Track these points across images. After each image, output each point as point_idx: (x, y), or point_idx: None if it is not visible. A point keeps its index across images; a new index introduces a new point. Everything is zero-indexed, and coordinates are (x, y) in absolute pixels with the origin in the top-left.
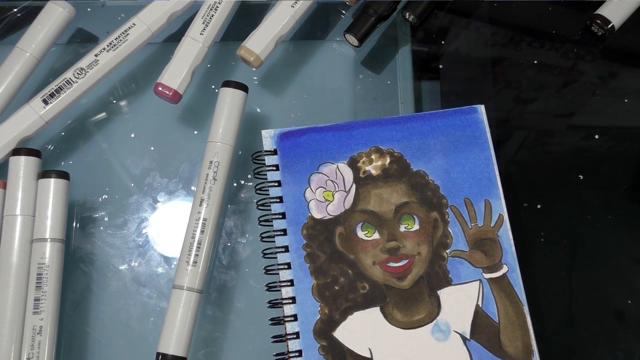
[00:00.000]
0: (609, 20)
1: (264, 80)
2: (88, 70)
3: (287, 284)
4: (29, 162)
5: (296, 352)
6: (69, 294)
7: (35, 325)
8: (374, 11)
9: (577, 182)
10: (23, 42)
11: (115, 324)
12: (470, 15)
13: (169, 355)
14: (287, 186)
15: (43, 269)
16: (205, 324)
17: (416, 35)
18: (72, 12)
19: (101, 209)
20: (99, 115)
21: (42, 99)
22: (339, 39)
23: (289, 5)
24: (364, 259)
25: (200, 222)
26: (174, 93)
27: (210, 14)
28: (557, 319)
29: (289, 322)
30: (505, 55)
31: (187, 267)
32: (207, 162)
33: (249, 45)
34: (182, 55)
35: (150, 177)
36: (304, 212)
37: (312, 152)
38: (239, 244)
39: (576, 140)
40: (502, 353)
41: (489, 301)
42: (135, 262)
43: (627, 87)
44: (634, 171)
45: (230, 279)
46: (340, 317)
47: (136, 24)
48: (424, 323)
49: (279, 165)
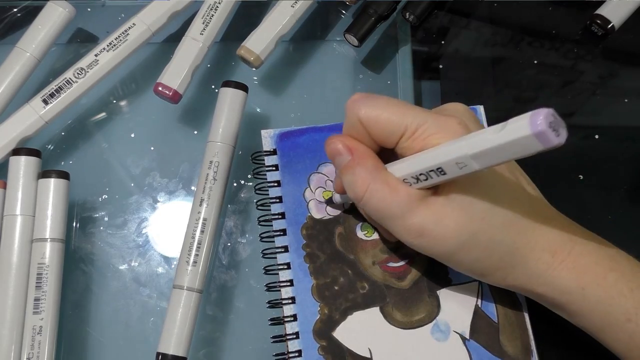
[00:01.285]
0: (609, 20)
1: (264, 80)
2: (88, 70)
3: (286, 284)
4: (29, 162)
5: (296, 352)
6: (69, 294)
7: (35, 325)
8: (374, 11)
9: (577, 182)
10: (23, 42)
11: (115, 324)
12: (470, 15)
13: (169, 355)
14: (287, 186)
15: (43, 268)
16: (205, 324)
17: (416, 35)
18: (72, 12)
19: (101, 209)
20: (99, 115)
21: (42, 98)
22: (339, 39)
23: (289, 5)
24: (364, 259)
25: (200, 222)
26: (174, 93)
27: (210, 13)
28: (557, 319)
29: (288, 322)
30: (505, 55)
31: (187, 267)
32: (207, 162)
33: (249, 45)
34: (182, 55)
35: (150, 177)
36: (303, 212)
37: (311, 152)
38: (239, 244)
39: (576, 140)
40: (502, 353)
41: (488, 301)
42: (135, 262)
43: (627, 87)
44: (634, 171)
45: (230, 279)
46: (340, 317)
47: (136, 23)
48: (423, 323)
49: (278, 165)
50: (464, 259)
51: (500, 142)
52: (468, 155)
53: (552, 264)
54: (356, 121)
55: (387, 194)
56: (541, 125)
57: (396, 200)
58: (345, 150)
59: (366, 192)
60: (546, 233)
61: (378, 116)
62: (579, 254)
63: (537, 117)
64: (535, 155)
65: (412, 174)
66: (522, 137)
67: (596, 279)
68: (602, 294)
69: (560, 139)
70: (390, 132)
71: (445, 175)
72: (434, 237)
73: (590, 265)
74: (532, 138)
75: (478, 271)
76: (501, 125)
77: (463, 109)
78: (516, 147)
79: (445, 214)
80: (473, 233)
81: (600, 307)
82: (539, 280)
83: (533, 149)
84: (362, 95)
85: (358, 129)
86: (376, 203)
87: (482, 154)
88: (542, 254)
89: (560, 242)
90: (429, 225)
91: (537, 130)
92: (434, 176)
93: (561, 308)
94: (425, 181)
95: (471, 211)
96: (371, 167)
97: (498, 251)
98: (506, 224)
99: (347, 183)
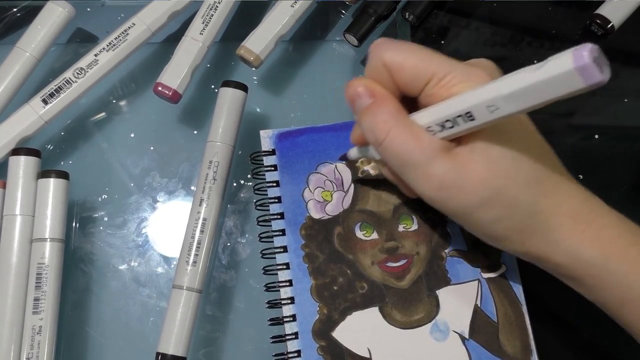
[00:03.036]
0: (609, 20)
1: (264, 80)
2: (88, 70)
3: (285, 284)
4: (28, 162)
5: (295, 353)
6: (69, 294)
7: (35, 325)
8: (373, 11)
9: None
10: (23, 42)
11: (115, 323)
12: (470, 15)
13: (169, 355)
14: (286, 186)
15: (43, 268)
16: (205, 324)
17: (416, 35)
18: (72, 12)
19: (101, 209)
20: (98, 115)
21: (41, 98)
22: (339, 39)
23: (289, 5)
24: (363, 259)
25: (200, 221)
26: (174, 93)
27: (210, 13)
28: (556, 319)
29: (287, 322)
30: (505, 55)
31: (186, 267)
32: (207, 162)
33: (248, 44)
34: (182, 55)
35: (150, 177)
36: (302, 212)
37: (310, 152)
38: (238, 243)
39: (576, 140)
40: (501, 352)
41: (488, 301)
42: (135, 262)
43: (627, 87)
44: (634, 171)
45: (230, 279)
46: (339, 317)
47: (136, 23)
48: (422, 323)
49: (277, 165)
50: (484, 218)
51: (539, 79)
52: (501, 96)
53: (574, 232)
54: (380, 65)
55: (409, 139)
56: (586, 59)
57: (418, 147)
58: (366, 92)
59: (388, 135)
60: (568, 199)
61: (404, 60)
62: (602, 225)
63: (581, 51)
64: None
65: (438, 121)
66: (563, 73)
67: (619, 251)
68: (624, 267)
69: (604, 75)
70: (416, 79)
71: (473, 121)
72: (456, 189)
73: (614, 238)
74: (574, 73)
75: (496, 233)
76: (540, 64)
77: (491, 64)
78: (556, 85)
79: (469, 167)
80: (497, 189)
81: (623, 281)
82: (559, 248)
83: (574, 86)
84: (387, 40)
85: (381, 73)
86: (397, 148)
87: (518, 93)
88: (565, 220)
89: (583, 211)
90: (451, 176)
91: (580, 64)
92: (461, 122)
93: (579, 280)
94: (451, 129)
95: (496, 166)
96: (394, 110)
97: (520, 212)
98: (531, 182)
99: (368, 126)
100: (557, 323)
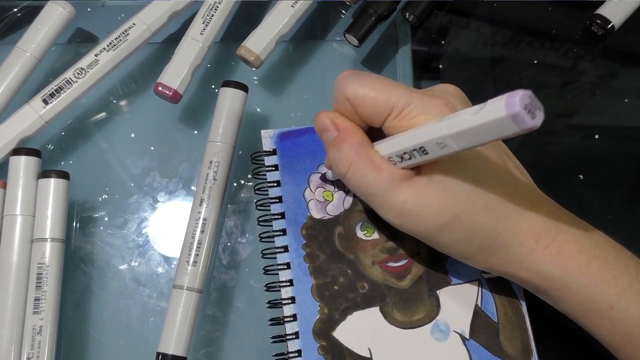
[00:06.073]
0: (609, 20)
1: (264, 80)
2: (88, 70)
3: (286, 284)
4: (29, 162)
5: (295, 352)
6: (69, 294)
7: (35, 325)
8: (374, 11)
9: (577, 182)
10: (23, 42)
11: (115, 323)
12: (470, 15)
13: (169, 355)
14: (287, 186)
15: (43, 268)
16: (205, 324)
17: (416, 35)
18: (72, 12)
19: (101, 209)
20: (99, 115)
21: (42, 98)
22: (339, 39)
23: (289, 5)
24: (364, 259)
25: (200, 221)
26: (174, 93)
27: (210, 13)
28: (556, 319)
29: (288, 322)
30: (505, 55)
31: (187, 267)
32: (207, 162)
33: (249, 45)
34: (182, 55)
35: (150, 177)
36: (303, 212)
37: (311, 152)
38: (239, 243)
39: (576, 140)
40: (502, 353)
41: (488, 301)
42: (135, 262)
43: (627, 87)
44: (634, 171)
45: (230, 279)
46: (340, 317)
47: (136, 23)
48: (423, 323)
49: (278, 165)
50: (446, 241)
51: (477, 123)
52: (447, 136)
53: (535, 250)
54: (343, 99)
55: (369, 172)
56: (516, 107)
57: (378, 178)
58: (332, 126)
59: (349, 169)
60: (530, 218)
61: (365, 95)
62: (564, 240)
63: (512, 98)
64: (536, 155)
65: (397, 153)
66: (498, 119)
67: (579, 266)
68: (585, 281)
69: (535, 121)
70: (377, 111)
71: (427, 155)
72: (416, 216)
73: (574, 253)
74: (507, 119)
75: (460, 253)
76: (480, 106)
77: (452, 89)
78: (493, 128)
79: (428, 194)
80: (455, 214)
81: (583, 294)
82: (521, 265)
83: (509, 130)
84: (350, 73)
85: (345, 106)
86: (359, 180)
87: (461, 134)
88: (525, 239)
89: (545, 228)
90: (411, 204)
91: (512, 112)
92: (417, 155)
93: (545, 294)
94: (409, 160)
95: (454, 192)
96: (356, 144)
97: (480, 234)
98: (489, 206)
99: (333, 159)
100: (557, 323)
